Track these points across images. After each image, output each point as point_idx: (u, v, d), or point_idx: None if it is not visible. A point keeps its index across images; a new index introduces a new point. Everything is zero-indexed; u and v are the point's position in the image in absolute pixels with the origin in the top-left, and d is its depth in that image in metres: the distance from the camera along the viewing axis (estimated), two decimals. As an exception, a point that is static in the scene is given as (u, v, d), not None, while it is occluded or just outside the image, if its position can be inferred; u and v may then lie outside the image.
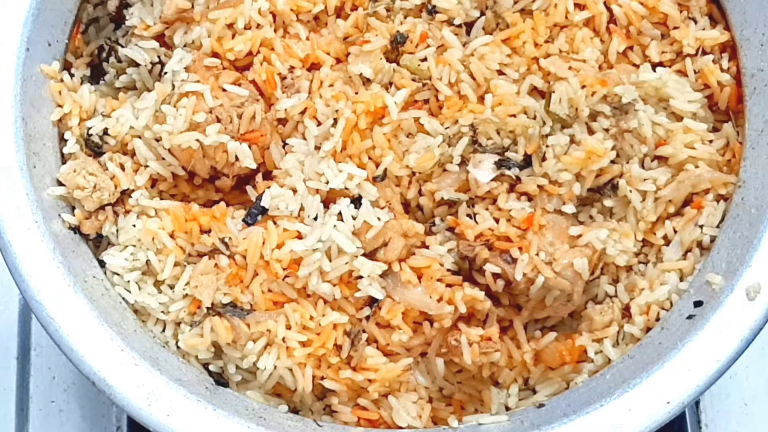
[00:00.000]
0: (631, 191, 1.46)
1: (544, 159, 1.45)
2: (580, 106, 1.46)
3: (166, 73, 1.51)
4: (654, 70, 1.51)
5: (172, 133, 1.46)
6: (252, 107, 1.47)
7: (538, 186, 1.45)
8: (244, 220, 1.45)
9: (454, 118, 1.47)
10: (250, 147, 1.47)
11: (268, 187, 1.45)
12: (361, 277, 1.41)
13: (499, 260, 1.42)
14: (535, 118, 1.47)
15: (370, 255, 1.43)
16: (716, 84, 1.51)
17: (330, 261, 1.41)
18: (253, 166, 1.48)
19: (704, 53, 1.52)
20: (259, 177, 1.49)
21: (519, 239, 1.43)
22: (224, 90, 1.48)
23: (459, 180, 1.47)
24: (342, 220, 1.42)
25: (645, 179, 1.46)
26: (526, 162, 1.46)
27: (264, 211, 1.45)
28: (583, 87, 1.46)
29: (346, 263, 1.41)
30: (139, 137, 1.48)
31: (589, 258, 1.43)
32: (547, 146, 1.45)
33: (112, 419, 1.75)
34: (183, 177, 1.51)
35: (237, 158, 1.47)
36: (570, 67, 1.49)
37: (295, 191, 1.44)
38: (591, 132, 1.47)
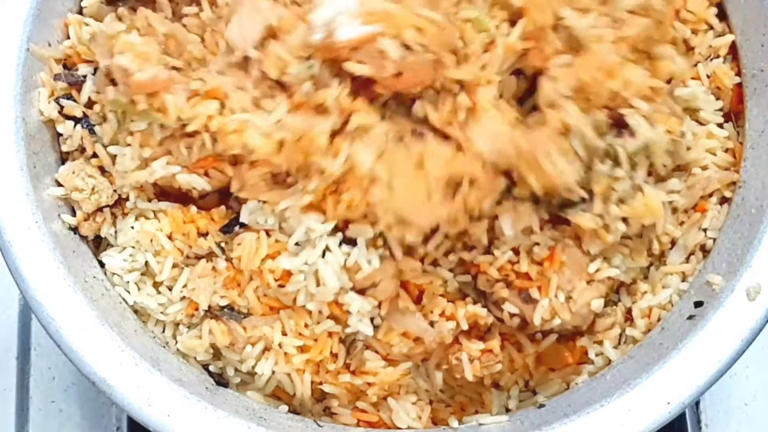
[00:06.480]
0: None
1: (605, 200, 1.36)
2: (657, 163, 1.38)
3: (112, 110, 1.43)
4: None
5: (126, 171, 1.43)
6: (201, 137, 1.39)
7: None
8: (220, 230, 1.42)
9: None
10: (207, 173, 1.42)
11: (244, 203, 1.39)
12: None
13: (518, 300, 1.38)
14: (609, 156, 1.36)
15: (361, 291, 1.38)
16: (730, 86, 1.50)
17: (317, 286, 1.36)
18: (209, 188, 1.43)
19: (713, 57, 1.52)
20: None
21: (538, 276, 1.38)
22: None
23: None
24: (330, 251, 1.36)
25: (669, 191, 1.43)
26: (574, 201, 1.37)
27: (243, 224, 1.41)
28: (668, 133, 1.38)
29: (334, 294, 1.36)
30: None
31: (605, 293, 1.41)
32: (614, 190, 1.35)
33: (112, 419, 1.75)
34: None
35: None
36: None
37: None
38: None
